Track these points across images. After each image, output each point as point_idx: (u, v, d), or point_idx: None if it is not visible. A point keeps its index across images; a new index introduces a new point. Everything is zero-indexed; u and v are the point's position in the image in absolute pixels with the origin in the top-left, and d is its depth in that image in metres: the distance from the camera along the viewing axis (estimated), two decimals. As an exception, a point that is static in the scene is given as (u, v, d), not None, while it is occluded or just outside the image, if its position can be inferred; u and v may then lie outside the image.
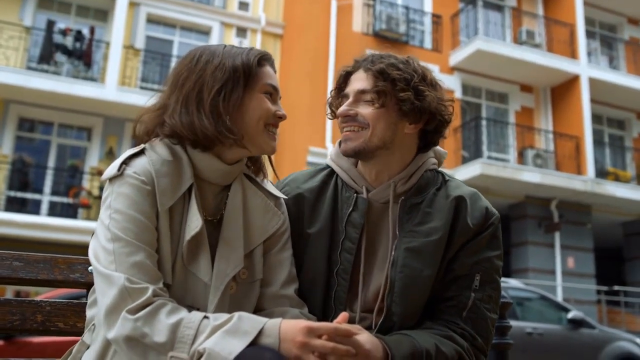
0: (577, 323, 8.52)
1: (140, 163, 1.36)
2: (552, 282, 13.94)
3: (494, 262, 1.56)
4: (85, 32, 12.85)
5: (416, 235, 1.53)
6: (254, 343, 1.17)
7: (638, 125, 17.01)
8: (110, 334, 1.23)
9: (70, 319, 1.62)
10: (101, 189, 12.02)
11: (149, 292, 1.24)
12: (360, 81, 1.59)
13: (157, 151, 1.39)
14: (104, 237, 1.30)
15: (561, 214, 14.46)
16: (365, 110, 1.56)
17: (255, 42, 13.95)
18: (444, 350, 1.40)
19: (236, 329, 1.18)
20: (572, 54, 15.36)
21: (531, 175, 13.50)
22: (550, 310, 8.84)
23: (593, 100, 15.40)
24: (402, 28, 14.43)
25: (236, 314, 1.21)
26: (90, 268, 1.69)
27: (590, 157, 14.58)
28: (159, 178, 1.34)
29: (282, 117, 1.47)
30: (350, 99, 1.59)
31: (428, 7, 15.40)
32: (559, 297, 13.30)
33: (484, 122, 14.79)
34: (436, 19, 15.27)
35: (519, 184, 13.61)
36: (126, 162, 1.35)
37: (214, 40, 13.83)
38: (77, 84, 11.92)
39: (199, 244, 1.37)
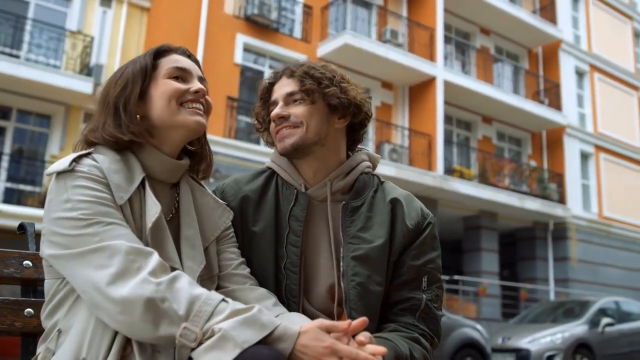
0: (427, 311, 9.11)
1: (89, 162, 1.35)
2: (400, 270, 14.74)
3: (437, 263, 1.66)
4: None
5: (361, 242, 1.59)
6: (265, 340, 1.16)
7: (483, 128, 18.40)
8: (122, 292, 1.19)
9: (8, 317, 1.50)
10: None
11: (156, 254, 1.26)
12: (285, 86, 1.65)
13: (104, 152, 1.40)
14: (73, 227, 1.26)
15: (411, 207, 15.29)
16: (297, 110, 1.62)
17: (120, 13, 13.28)
18: (416, 356, 1.49)
19: (255, 320, 1.17)
20: (431, 57, 16.24)
21: (387, 169, 14.13)
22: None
23: (446, 102, 16.41)
24: (274, 15, 14.43)
25: (256, 306, 1.21)
26: (26, 263, 1.59)
27: (440, 154, 15.56)
28: (110, 175, 1.34)
29: (198, 92, 1.47)
30: (281, 103, 1.64)
31: (299, -4, 15.56)
32: (406, 285, 14.12)
33: (346, 115, 15.20)
34: (307, 9, 15.44)
35: (376, 177, 14.18)
36: (76, 160, 1.34)
37: (74, 8, 12.97)
38: None
39: (161, 231, 1.38)
